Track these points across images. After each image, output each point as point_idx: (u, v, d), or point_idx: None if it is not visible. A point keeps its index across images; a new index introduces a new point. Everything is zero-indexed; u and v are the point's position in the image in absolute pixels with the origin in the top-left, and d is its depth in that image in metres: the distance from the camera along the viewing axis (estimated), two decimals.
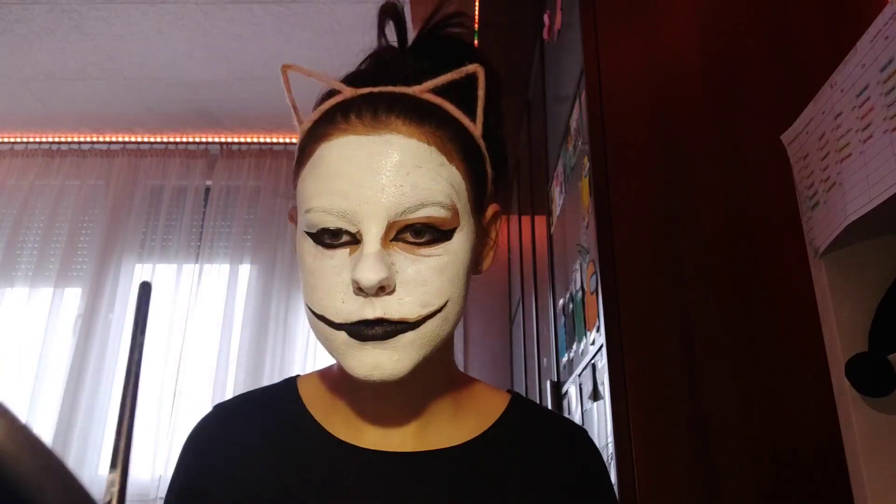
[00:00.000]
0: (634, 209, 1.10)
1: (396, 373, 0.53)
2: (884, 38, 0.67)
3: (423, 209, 0.53)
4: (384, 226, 0.53)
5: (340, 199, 0.53)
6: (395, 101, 0.56)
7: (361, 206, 0.53)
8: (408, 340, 0.53)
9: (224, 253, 3.22)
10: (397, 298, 0.53)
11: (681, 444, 0.96)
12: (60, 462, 0.25)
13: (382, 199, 0.52)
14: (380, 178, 0.53)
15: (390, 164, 0.53)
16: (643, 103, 1.17)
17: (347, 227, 0.53)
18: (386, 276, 0.51)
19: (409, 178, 0.53)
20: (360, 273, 0.51)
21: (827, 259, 0.81)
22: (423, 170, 0.54)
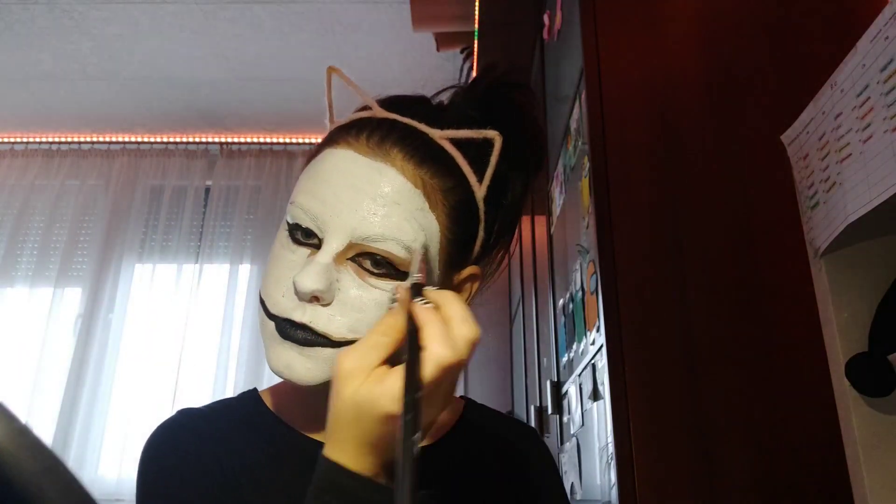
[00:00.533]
0: (634, 209, 1.10)
1: (305, 380, 0.54)
2: (884, 39, 0.67)
3: (385, 242, 0.54)
4: (344, 243, 0.54)
5: (318, 203, 0.55)
6: (407, 136, 0.57)
7: (332, 218, 0.54)
8: (325, 355, 0.54)
9: (224, 253, 3.22)
10: (329, 313, 0.54)
11: (681, 444, 0.96)
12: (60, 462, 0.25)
13: (351, 219, 0.54)
14: (358, 198, 0.54)
15: (373, 190, 0.54)
16: (643, 103, 1.17)
17: (315, 231, 0.55)
18: (321, 289, 0.53)
19: (383, 210, 0.54)
20: (299, 277, 0.53)
21: (827, 259, 0.81)
22: (401, 208, 0.55)
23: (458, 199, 0.58)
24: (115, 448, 2.86)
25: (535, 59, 2.10)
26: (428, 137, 0.58)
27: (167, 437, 0.62)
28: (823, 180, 0.81)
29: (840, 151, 0.76)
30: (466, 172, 0.59)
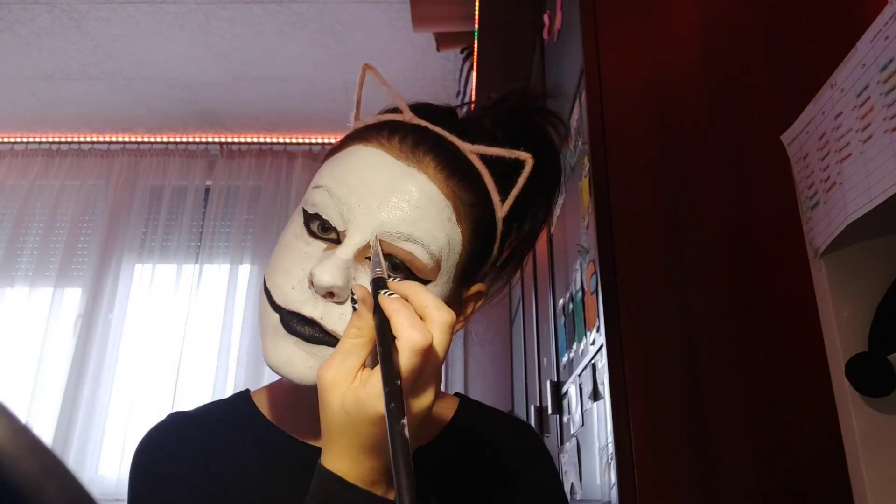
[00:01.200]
0: (634, 209, 1.10)
1: (304, 377, 0.52)
2: (884, 38, 0.67)
3: (410, 243, 0.53)
4: (366, 239, 0.52)
5: (347, 190, 0.53)
6: (440, 146, 0.57)
7: (359, 207, 0.53)
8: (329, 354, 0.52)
9: (224, 253, 3.21)
10: (340, 312, 0.52)
11: (681, 444, 0.96)
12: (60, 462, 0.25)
13: (381, 213, 0.53)
14: (389, 195, 0.53)
15: (404, 191, 0.53)
16: (643, 103, 1.17)
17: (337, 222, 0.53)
18: (340, 286, 0.51)
19: (413, 211, 0.53)
20: (318, 270, 0.50)
21: (827, 259, 0.81)
22: (431, 215, 0.54)
23: (480, 215, 0.58)
24: (115, 448, 2.86)
25: (535, 59, 2.10)
26: (458, 150, 0.58)
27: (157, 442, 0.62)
28: (823, 180, 0.81)
29: (840, 151, 0.76)
30: (491, 190, 0.58)
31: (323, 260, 0.52)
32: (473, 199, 0.57)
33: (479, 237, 0.58)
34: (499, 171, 0.59)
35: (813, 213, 0.84)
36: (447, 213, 0.55)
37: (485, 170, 0.58)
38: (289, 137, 3.39)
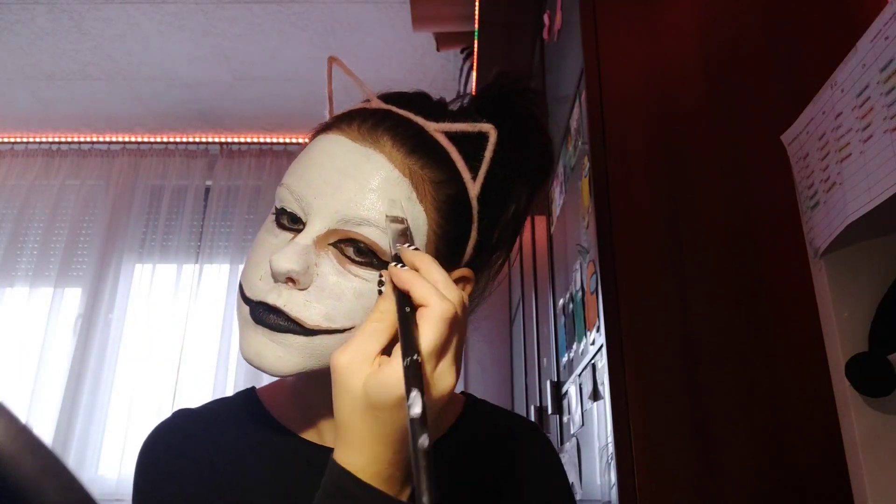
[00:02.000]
0: (634, 209, 1.10)
1: (276, 368, 0.52)
2: (884, 38, 0.67)
3: (366, 227, 0.52)
4: (325, 226, 0.52)
5: (304, 185, 0.54)
6: (400, 125, 0.56)
7: (315, 200, 0.53)
8: (297, 344, 0.52)
9: (224, 253, 3.21)
10: (304, 299, 0.52)
11: (681, 444, 0.96)
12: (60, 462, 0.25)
13: (335, 202, 0.52)
14: (344, 182, 0.53)
15: (359, 175, 0.53)
16: (643, 103, 1.17)
17: (300, 214, 0.54)
18: (297, 270, 0.51)
19: (366, 195, 0.52)
20: (275, 257, 0.51)
21: (827, 259, 0.81)
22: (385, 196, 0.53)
23: (449, 193, 0.56)
24: (115, 448, 2.86)
25: (535, 59, 2.10)
26: (421, 129, 0.57)
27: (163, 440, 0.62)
28: (823, 180, 0.81)
29: (840, 151, 0.76)
30: (460, 168, 0.57)
31: (283, 247, 0.52)
32: (439, 177, 0.56)
33: (451, 217, 0.56)
34: (469, 149, 0.57)
35: (813, 213, 0.84)
36: (405, 191, 0.54)
37: (452, 147, 0.57)
38: (289, 137, 3.39)
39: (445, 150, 0.57)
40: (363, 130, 0.55)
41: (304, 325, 0.52)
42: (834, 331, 0.80)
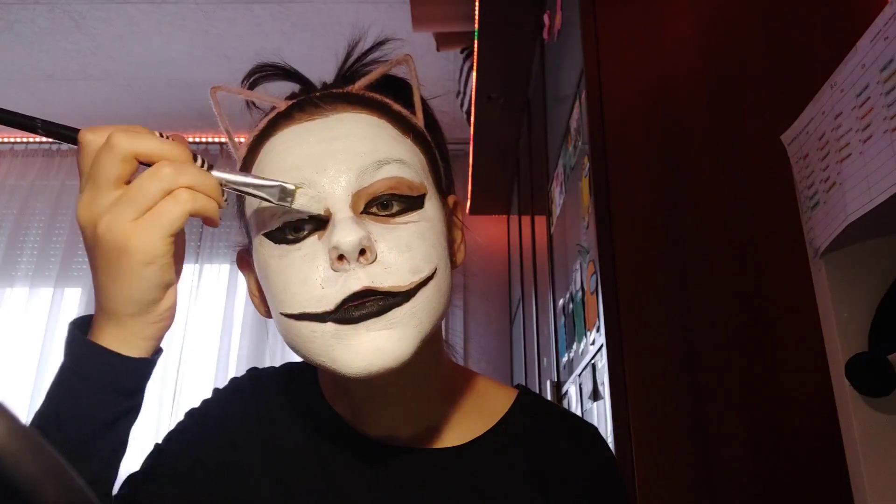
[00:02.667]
0: (634, 209, 1.10)
1: (400, 355, 0.48)
2: (884, 39, 0.67)
3: (386, 167, 0.51)
4: (349, 194, 0.49)
5: (296, 172, 0.50)
6: (337, 96, 0.55)
7: (320, 175, 0.49)
8: (405, 314, 0.48)
9: (224, 253, 3.22)
10: (383, 267, 0.48)
11: (681, 444, 0.96)
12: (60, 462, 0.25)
13: (340, 162, 0.50)
14: (334, 145, 0.51)
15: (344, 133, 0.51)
16: (643, 103, 1.17)
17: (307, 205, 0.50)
18: (365, 235, 0.47)
19: (366, 142, 0.51)
20: (337, 235, 0.47)
21: (827, 259, 0.81)
22: (382, 137, 0.52)
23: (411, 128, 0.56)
24: None
25: (535, 59, 2.10)
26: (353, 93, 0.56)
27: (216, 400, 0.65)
28: (823, 180, 0.81)
29: (840, 151, 0.76)
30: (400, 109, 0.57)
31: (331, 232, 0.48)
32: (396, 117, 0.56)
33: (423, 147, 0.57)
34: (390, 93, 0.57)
35: (813, 213, 0.84)
36: (390, 129, 0.54)
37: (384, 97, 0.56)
38: None
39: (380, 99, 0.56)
40: (311, 111, 0.54)
41: (400, 290, 0.48)
42: (834, 331, 0.80)
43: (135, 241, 0.42)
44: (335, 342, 0.48)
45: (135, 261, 0.43)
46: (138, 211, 0.43)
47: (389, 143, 0.52)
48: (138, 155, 0.44)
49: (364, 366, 0.47)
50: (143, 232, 0.42)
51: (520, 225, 2.56)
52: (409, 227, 0.51)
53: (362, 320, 0.47)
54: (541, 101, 1.95)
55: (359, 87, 0.56)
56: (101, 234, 0.42)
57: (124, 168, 0.43)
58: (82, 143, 0.44)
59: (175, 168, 0.44)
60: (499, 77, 2.22)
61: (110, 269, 0.43)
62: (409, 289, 0.49)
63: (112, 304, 0.44)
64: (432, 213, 0.53)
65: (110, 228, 0.42)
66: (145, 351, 0.47)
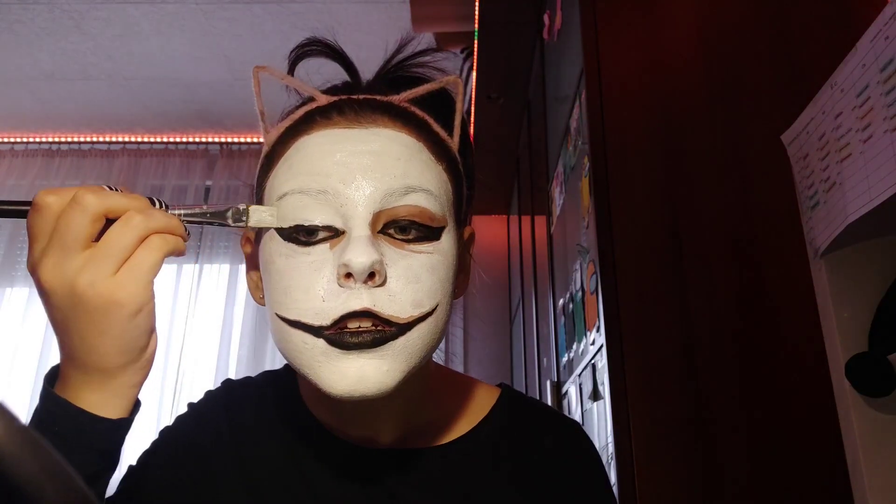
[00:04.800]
0: (634, 209, 1.10)
1: (383, 386, 0.48)
2: (884, 39, 0.67)
3: (412, 195, 0.50)
4: (371, 212, 0.49)
5: (322, 178, 0.49)
6: (380, 104, 0.54)
7: (346, 188, 0.49)
8: (398, 348, 0.48)
9: (224, 253, 3.22)
10: (387, 294, 0.48)
11: (681, 444, 0.96)
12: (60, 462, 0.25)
13: (369, 181, 0.49)
14: (367, 160, 0.50)
15: (380, 149, 0.51)
16: (643, 103, 1.17)
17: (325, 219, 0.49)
18: (378, 259, 0.47)
19: (399, 164, 0.50)
20: (350, 254, 0.46)
21: (827, 259, 0.81)
22: (414, 161, 0.51)
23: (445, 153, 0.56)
24: None
25: (535, 59, 2.10)
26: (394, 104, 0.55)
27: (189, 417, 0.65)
28: (823, 180, 0.81)
29: (840, 151, 0.76)
30: (438, 130, 0.56)
31: (346, 248, 0.47)
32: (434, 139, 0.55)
33: (453, 175, 0.56)
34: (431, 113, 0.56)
35: (813, 213, 0.84)
36: (425, 154, 0.53)
37: (425, 114, 0.56)
38: None
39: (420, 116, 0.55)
40: (350, 117, 0.53)
41: (398, 321, 0.48)
42: (834, 331, 0.80)
43: (122, 293, 0.43)
44: (323, 360, 0.48)
45: (125, 312, 0.43)
46: (117, 263, 0.43)
47: (421, 168, 0.51)
48: (108, 212, 0.44)
49: (347, 390, 0.47)
50: (128, 283, 0.43)
51: (520, 225, 2.56)
52: (421, 257, 0.50)
53: (355, 349, 0.47)
54: (541, 101, 1.95)
55: (403, 99, 0.55)
56: (82, 292, 0.42)
57: (95, 227, 0.43)
58: (41, 205, 0.43)
59: (143, 215, 0.44)
60: (499, 77, 2.23)
61: (97, 324, 0.43)
62: (407, 322, 0.49)
63: (99, 358, 0.44)
64: (447, 247, 0.53)
65: (93, 284, 0.42)
66: (128, 403, 0.47)
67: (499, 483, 0.60)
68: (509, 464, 0.61)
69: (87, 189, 0.43)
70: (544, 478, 0.61)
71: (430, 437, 0.61)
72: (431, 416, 0.62)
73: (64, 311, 0.43)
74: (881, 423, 0.76)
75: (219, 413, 0.64)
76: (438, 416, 0.62)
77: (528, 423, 0.64)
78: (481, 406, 0.64)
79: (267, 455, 0.60)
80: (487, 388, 0.67)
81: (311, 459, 0.60)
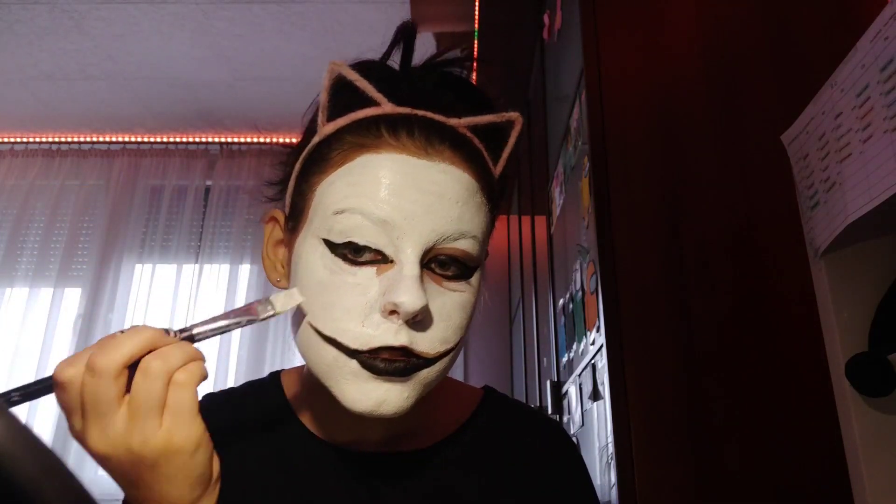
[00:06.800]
0: (634, 209, 1.10)
1: (401, 409, 0.50)
2: (884, 39, 0.67)
3: (462, 240, 0.52)
4: (422, 249, 0.50)
5: (385, 207, 0.50)
6: (444, 131, 0.54)
7: (406, 222, 0.50)
8: (421, 378, 0.51)
9: (224, 253, 3.22)
10: (423, 331, 0.50)
11: (681, 445, 0.96)
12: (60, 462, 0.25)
13: (428, 221, 0.50)
14: (430, 199, 0.51)
15: (443, 190, 0.52)
16: (643, 103, 1.17)
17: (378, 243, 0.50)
18: (425, 305, 0.49)
19: (457, 207, 0.52)
20: (404, 296, 0.47)
21: (827, 259, 0.81)
22: (470, 205, 0.53)
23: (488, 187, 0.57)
24: None
25: (535, 59, 2.10)
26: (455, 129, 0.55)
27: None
28: (823, 180, 0.81)
29: (840, 151, 0.76)
30: (487, 160, 0.58)
31: (398, 284, 0.48)
32: (486, 177, 0.57)
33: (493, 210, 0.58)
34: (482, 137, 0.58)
35: (813, 213, 0.84)
36: (479, 196, 0.55)
37: (476, 140, 0.57)
38: (289, 137, 3.39)
39: (475, 144, 0.57)
40: (419, 143, 0.53)
41: (427, 355, 0.51)
42: (834, 331, 0.80)
43: (177, 440, 0.44)
44: (352, 379, 0.50)
45: (185, 454, 0.45)
46: (158, 414, 0.44)
47: (474, 213, 0.53)
48: (125, 365, 0.45)
49: (368, 409, 0.50)
50: (177, 429, 0.44)
51: (520, 225, 2.56)
52: (454, 295, 0.53)
53: (385, 374, 0.49)
54: (541, 101, 1.95)
55: (464, 125, 0.56)
56: (139, 452, 0.44)
57: (120, 384, 0.44)
58: (61, 380, 0.45)
59: (160, 359, 0.45)
60: (499, 77, 2.23)
61: (161, 473, 0.45)
62: (434, 357, 0.51)
63: (173, 501, 0.46)
64: (476, 283, 0.55)
65: (146, 443, 0.44)
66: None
67: (483, 484, 0.61)
68: (493, 465, 0.62)
69: (98, 352, 0.44)
70: (528, 479, 0.62)
71: (415, 439, 0.62)
72: (416, 420, 0.62)
73: (126, 470, 0.45)
74: (881, 423, 0.76)
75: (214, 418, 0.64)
76: (423, 420, 0.62)
77: (511, 425, 0.66)
78: (464, 408, 0.66)
79: (253, 463, 0.60)
80: (471, 391, 0.69)
81: (296, 464, 0.60)
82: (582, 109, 1.26)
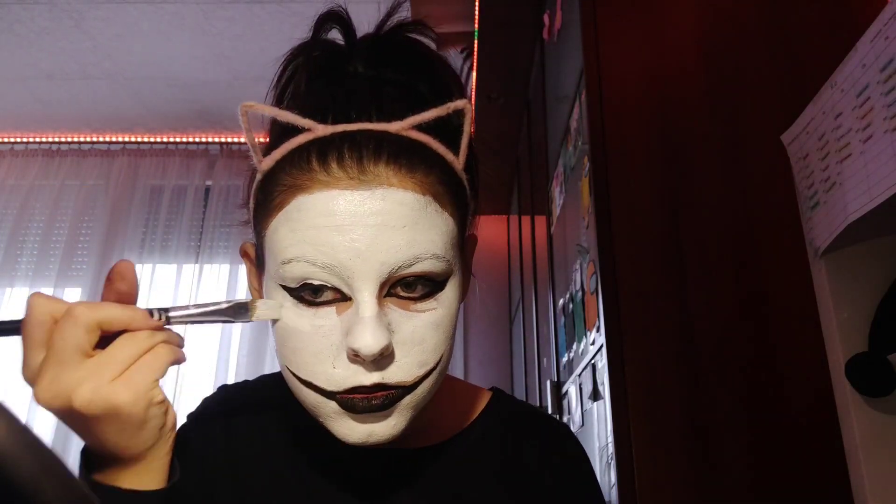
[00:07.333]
0: (634, 209, 1.10)
1: (391, 437, 0.51)
2: (884, 39, 0.67)
3: (419, 264, 0.49)
4: (376, 285, 0.48)
5: (328, 250, 0.47)
6: (381, 145, 0.50)
7: (353, 262, 0.47)
8: (404, 405, 0.50)
9: (224, 253, 3.22)
10: (395, 362, 0.49)
11: (681, 445, 0.96)
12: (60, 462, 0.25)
13: (377, 256, 0.47)
14: (371, 233, 0.47)
15: (385, 219, 0.48)
16: (643, 103, 1.17)
17: (334, 283, 0.48)
18: (387, 344, 0.47)
19: (405, 233, 0.48)
20: (360, 341, 0.46)
21: (827, 259, 0.81)
22: (420, 224, 0.49)
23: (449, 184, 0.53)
24: None
25: (535, 59, 2.10)
26: (396, 135, 0.51)
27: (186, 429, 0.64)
28: (823, 180, 0.81)
29: (840, 151, 0.76)
30: (443, 153, 0.53)
31: (354, 328, 0.47)
32: (440, 176, 0.52)
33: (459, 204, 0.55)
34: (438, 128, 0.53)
35: (813, 213, 0.84)
36: (433, 209, 0.50)
37: (429, 139, 0.52)
38: None
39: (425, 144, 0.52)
40: (352, 173, 0.49)
41: (406, 384, 0.50)
42: (834, 331, 0.80)
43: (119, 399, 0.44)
44: (336, 417, 0.50)
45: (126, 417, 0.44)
46: (117, 372, 0.44)
47: (427, 231, 0.50)
48: (101, 323, 0.44)
49: (358, 442, 0.50)
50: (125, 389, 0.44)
51: (520, 225, 2.56)
52: (424, 316, 0.51)
53: (365, 412, 0.49)
54: (541, 101, 1.95)
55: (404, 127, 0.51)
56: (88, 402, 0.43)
57: (90, 339, 0.44)
58: (37, 312, 0.45)
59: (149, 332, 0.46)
60: (499, 77, 2.23)
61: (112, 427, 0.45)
62: (414, 382, 0.50)
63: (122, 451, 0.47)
64: (451, 294, 0.53)
65: (97, 391, 0.43)
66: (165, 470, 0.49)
67: (489, 484, 0.61)
68: (499, 465, 0.62)
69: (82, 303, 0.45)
70: (533, 479, 0.62)
71: (423, 437, 0.62)
72: (423, 417, 0.62)
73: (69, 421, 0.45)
74: (881, 423, 0.76)
75: (215, 419, 0.64)
76: (431, 418, 0.62)
77: (518, 426, 0.65)
78: (472, 408, 0.65)
79: (262, 457, 0.61)
80: (479, 391, 0.68)
81: (306, 458, 0.60)
82: (582, 109, 1.26)
